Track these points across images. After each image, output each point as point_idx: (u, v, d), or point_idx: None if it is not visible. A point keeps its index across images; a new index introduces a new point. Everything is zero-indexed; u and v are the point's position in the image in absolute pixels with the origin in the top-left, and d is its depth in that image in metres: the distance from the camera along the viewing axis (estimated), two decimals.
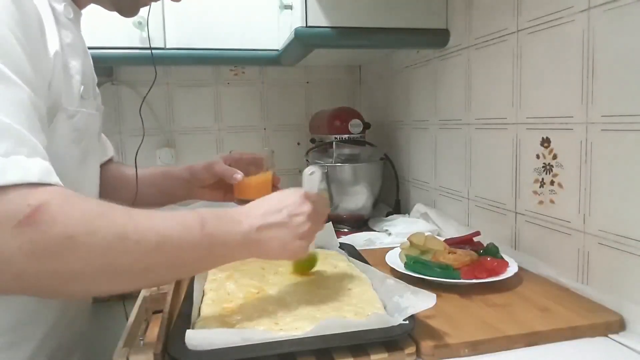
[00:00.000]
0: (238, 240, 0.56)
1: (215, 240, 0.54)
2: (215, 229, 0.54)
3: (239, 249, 0.57)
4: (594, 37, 0.69)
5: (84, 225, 0.45)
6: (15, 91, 0.47)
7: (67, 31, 0.62)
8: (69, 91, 0.61)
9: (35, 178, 0.44)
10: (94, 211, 0.47)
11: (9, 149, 0.44)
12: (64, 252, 0.43)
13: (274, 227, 0.58)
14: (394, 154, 1.40)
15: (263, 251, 0.59)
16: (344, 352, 0.54)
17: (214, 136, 1.65)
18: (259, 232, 0.57)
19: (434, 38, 1.10)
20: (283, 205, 0.60)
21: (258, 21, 1.34)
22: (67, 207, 0.45)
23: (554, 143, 0.78)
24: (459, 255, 0.80)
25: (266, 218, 0.58)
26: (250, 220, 0.57)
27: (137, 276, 0.50)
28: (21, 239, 0.42)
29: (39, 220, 0.42)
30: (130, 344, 0.56)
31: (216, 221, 0.55)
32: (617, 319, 0.63)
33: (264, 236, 0.58)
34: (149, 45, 1.26)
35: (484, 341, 0.58)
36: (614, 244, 0.67)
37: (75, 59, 0.63)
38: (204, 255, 0.54)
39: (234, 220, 0.57)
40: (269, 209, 0.60)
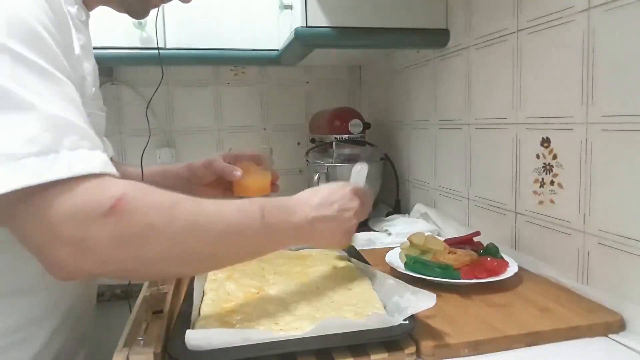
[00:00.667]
0: (292, 230, 0.61)
1: (273, 229, 0.58)
2: (273, 219, 0.58)
3: (292, 237, 0.62)
4: (594, 37, 0.69)
5: (162, 214, 0.48)
6: (63, 87, 0.48)
7: (80, 34, 0.62)
8: (83, 93, 0.61)
9: (98, 169, 0.46)
10: (169, 201, 0.50)
11: (75, 143, 0.46)
12: (146, 239, 0.47)
13: (325, 220, 0.63)
14: (394, 154, 1.40)
15: (312, 240, 0.66)
16: (344, 352, 0.54)
17: (214, 136, 1.65)
18: (312, 223, 0.62)
19: (434, 38, 1.10)
20: (335, 198, 0.65)
21: (258, 21, 1.34)
22: (145, 198, 0.48)
23: (554, 143, 0.78)
24: (459, 255, 0.80)
25: (319, 210, 0.63)
26: (304, 211, 0.62)
27: (204, 261, 0.54)
28: (108, 228, 0.44)
29: (123, 210, 0.45)
30: (130, 344, 0.55)
31: (275, 211, 0.59)
32: (617, 319, 0.63)
33: (315, 227, 0.63)
34: (149, 45, 1.27)
35: (484, 341, 0.58)
36: (614, 244, 0.67)
37: (88, 60, 0.64)
38: (262, 242, 0.58)
39: (289, 210, 0.61)
40: (322, 201, 0.64)
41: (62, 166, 0.44)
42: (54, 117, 0.45)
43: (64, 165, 0.44)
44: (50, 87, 0.47)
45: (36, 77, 0.46)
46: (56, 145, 0.44)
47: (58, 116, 0.45)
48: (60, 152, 0.44)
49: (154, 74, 1.57)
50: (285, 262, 0.80)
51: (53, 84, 0.47)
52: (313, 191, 0.66)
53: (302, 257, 0.82)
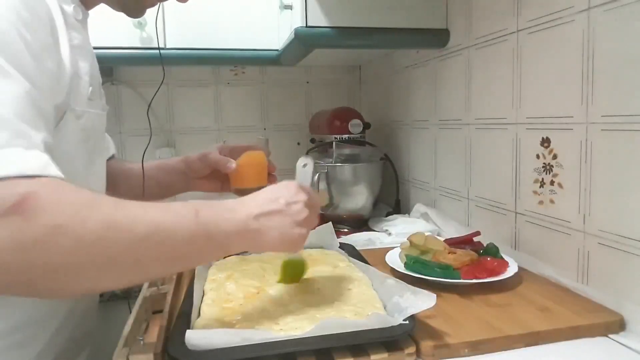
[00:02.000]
0: (235, 229, 0.54)
1: (211, 229, 0.52)
2: (210, 217, 0.52)
3: (237, 238, 0.55)
4: (594, 37, 0.69)
5: (73, 214, 0.43)
6: (13, 84, 0.46)
7: (75, 32, 0.62)
8: (77, 92, 0.61)
9: (32, 171, 0.43)
10: (84, 200, 0.45)
11: (5, 141, 0.43)
12: (52, 241, 0.41)
13: (271, 214, 0.57)
14: (394, 154, 1.40)
15: (262, 241, 0.57)
16: (344, 352, 0.54)
17: (214, 136, 1.65)
18: (257, 219, 0.56)
19: (434, 38, 1.10)
20: (279, 194, 0.59)
21: (258, 21, 1.34)
22: (56, 196, 0.43)
23: (554, 143, 0.78)
24: (459, 255, 0.80)
25: (263, 206, 0.57)
26: (246, 209, 0.56)
27: (129, 269, 0.47)
28: (8, 229, 0.40)
29: (26, 208, 0.41)
30: (130, 344, 0.55)
31: (211, 210, 0.53)
32: (617, 319, 0.63)
33: (263, 225, 0.56)
34: (149, 45, 1.27)
35: (484, 341, 0.58)
36: (614, 244, 0.67)
37: (84, 60, 0.64)
38: (199, 245, 0.52)
39: (229, 209, 0.55)
40: (264, 197, 0.58)
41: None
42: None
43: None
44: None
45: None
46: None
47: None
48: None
49: (154, 74, 1.57)
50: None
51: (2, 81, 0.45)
52: (255, 193, 0.61)
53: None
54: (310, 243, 0.87)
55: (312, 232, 0.89)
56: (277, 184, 0.63)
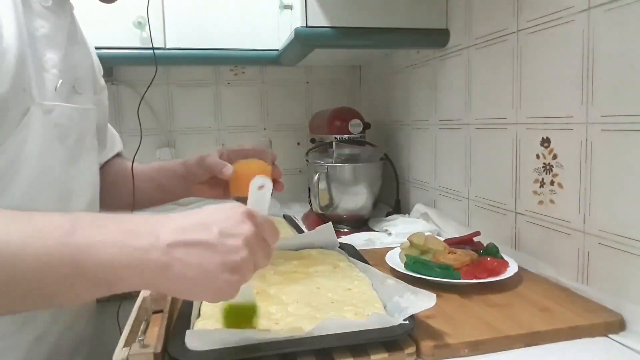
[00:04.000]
0: (127, 260, 0.40)
1: (82, 257, 0.38)
2: (88, 239, 0.39)
3: (129, 273, 0.40)
4: (594, 37, 0.69)
5: None
6: None
7: (42, 20, 0.58)
8: (41, 85, 0.57)
9: None
10: None
11: None
12: None
13: (194, 246, 0.41)
14: (394, 154, 1.40)
15: (170, 282, 0.41)
16: (344, 352, 0.54)
17: (214, 136, 1.65)
18: (169, 251, 0.40)
19: (434, 38, 1.10)
20: (214, 219, 0.44)
21: (258, 21, 1.34)
22: None
23: (554, 143, 0.78)
24: (459, 255, 0.80)
25: (184, 233, 0.42)
26: (156, 234, 0.41)
27: None
28: None
29: None
30: (130, 344, 0.55)
31: (95, 229, 0.40)
32: (617, 319, 0.63)
33: (177, 258, 0.41)
34: (149, 45, 1.27)
35: (484, 341, 0.58)
36: (614, 244, 0.67)
37: (53, 51, 0.59)
38: (65, 279, 0.39)
39: (127, 229, 0.41)
40: (192, 222, 0.43)
41: None
42: None
43: None
44: None
45: None
46: None
47: None
48: None
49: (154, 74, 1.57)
50: (285, 262, 0.80)
51: None
52: (186, 212, 0.45)
53: (302, 257, 0.82)
54: (310, 243, 0.87)
55: (312, 232, 0.90)
56: (219, 205, 0.46)
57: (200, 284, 0.42)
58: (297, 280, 0.72)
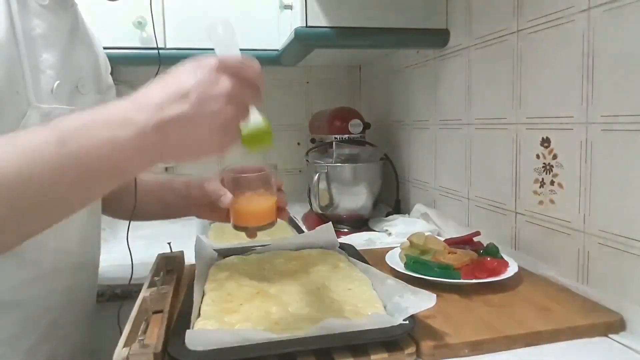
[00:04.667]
0: (127, 148, 0.42)
1: (86, 159, 0.41)
2: (82, 143, 0.41)
3: (132, 158, 0.43)
4: (594, 37, 0.69)
5: None
6: None
7: (39, 20, 0.56)
8: (37, 87, 0.55)
9: None
10: None
11: None
12: None
13: (179, 122, 0.43)
14: (394, 154, 1.40)
15: (168, 154, 0.45)
16: (344, 352, 0.54)
17: None
18: (159, 131, 0.42)
19: (434, 38, 1.10)
20: (188, 86, 0.44)
21: (258, 21, 1.34)
22: None
23: (554, 143, 0.78)
24: (459, 255, 0.80)
25: (166, 110, 0.43)
26: (143, 116, 0.42)
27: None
28: None
29: None
30: (130, 344, 0.55)
31: (84, 131, 0.41)
32: (617, 319, 0.63)
33: (167, 137, 0.43)
34: (149, 45, 1.27)
35: (484, 341, 0.58)
36: (614, 244, 0.67)
37: (49, 51, 0.58)
38: (75, 183, 0.42)
39: (114, 121, 0.42)
40: (167, 93, 0.44)
41: None
42: None
43: None
44: None
45: None
46: None
47: None
48: None
49: (154, 74, 1.57)
50: (285, 262, 0.80)
51: None
52: (156, 81, 0.46)
53: (302, 257, 0.82)
54: (310, 243, 0.87)
55: (312, 232, 0.90)
56: (188, 65, 0.47)
57: (197, 150, 0.45)
58: (297, 280, 0.72)
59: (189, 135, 0.43)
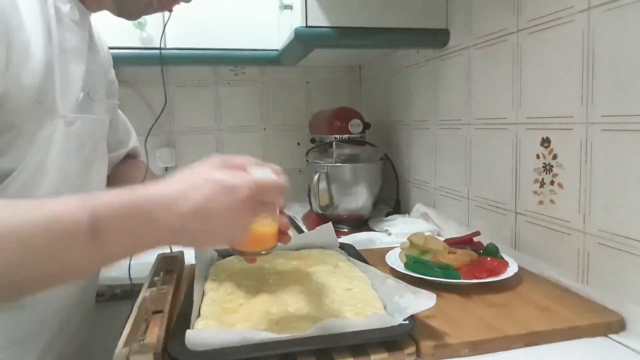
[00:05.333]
0: (149, 245, 0.44)
1: (110, 253, 0.42)
2: (113, 236, 0.41)
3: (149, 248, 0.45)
4: (594, 37, 0.69)
5: None
6: None
7: (70, 34, 0.59)
8: (65, 98, 0.57)
9: None
10: None
11: None
12: None
13: (199, 233, 0.46)
14: (394, 154, 1.40)
15: (182, 245, 0.48)
16: (344, 352, 0.54)
17: (214, 136, 1.65)
18: (179, 234, 0.45)
19: (434, 38, 1.10)
20: (214, 206, 0.45)
21: (258, 21, 1.34)
22: None
23: (554, 143, 0.78)
24: (459, 255, 0.80)
25: (191, 222, 0.45)
26: (169, 223, 0.44)
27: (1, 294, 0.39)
28: None
29: None
30: (130, 344, 0.55)
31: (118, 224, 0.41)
32: (617, 319, 0.63)
33: (185, 236, 0.46)
34: (149, 45, 1.27)
35: (484, 341, 0.58)
36: (614, 244, 0.67)
37: (77, 63, 0.60)
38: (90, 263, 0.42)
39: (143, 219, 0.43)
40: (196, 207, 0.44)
41: None
42: None
43: None
44: None
45: None
46: None
47: None
48: None
49: (154, 74, 1.57)
50: (285, 261, 0.80)
51: None
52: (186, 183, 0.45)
53: (302, 257, 0.82)
54: (311, 243, 0.87)
55: (312, 232, 0.90)
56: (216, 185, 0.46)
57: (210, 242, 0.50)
58: (297, 280, 0.72)
59: (205, 233, 0.46)
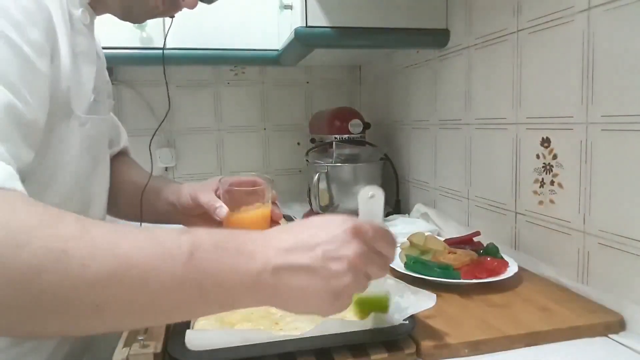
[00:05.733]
0: (243, 283, 0.40)
1: (206, 279, 0.39)
2: (209, 262, 0.39)
3: (244, 293, 0.41)
4: (594, 37, 0.69)
5: (9, 236, 0.34)
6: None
7: (82, 37, 0.60)
8: (79, 99, 0.59)
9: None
10: (35, 220, 0.36)
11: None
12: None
13: (297, 271, 0.42)
14: (394, 154, 1.40)
15: (278, 301, 0.43)
16: (344, 352, 0.54)
17: (214, 136, 1.65)
18: (275, 274, 0.41)
19: (434, 38, 1.10)
20: (319, 240, 0.43)
21: (258, 21, 1.34)
22: (2, 214, 0.35)
23: (554, 143, 0.78)
24: (459, 255, 0.80)
25: (290, 256, 0.42)
26: (266, 255, 0.41)
27: (83, 314, 0.36)
28: None
29: None
30: (130, 344, 0.55)
31: (213, 251, 0.40)
32: (617, 319, 0.63)
33: (281, 282, 0.41)
34: (149, 45, 1.27)
35: (484, 341, 0.58)
36: (614, 244, 0.67)
37: (89, 66, 0.62)
38: (187, 298, 0.39)
39: (241, 251, 0.41)
40: (296, 241, 0.43)
41: None
42: None
43: None
44: None
45: None
46: None
47: None
48: None
49: (154, 74, 1.57)
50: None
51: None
52: (292, 226, 0.46)
53: None
54: None
55: None
56: (327, 217, 0.46)
57: (306, 305, 0.43)
58: None
59: (301, 288, 0.42)
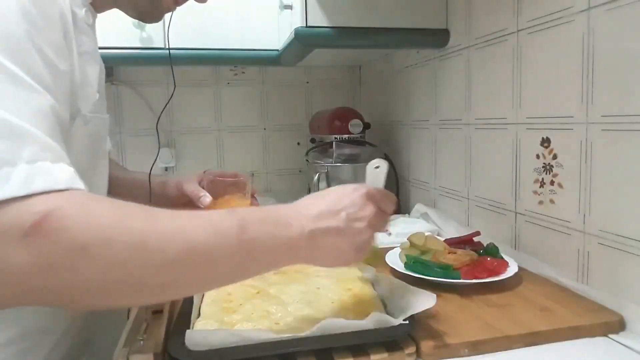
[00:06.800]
0: (285, 247, 0.49)
1: (256, 247, 0.47)
2: (257, 234, 0.47)
3: (286, 255, 0.50)
4: (594, 37, 0.69)
5: (98, 233, 0.39)
6: (37, 99, 0.44)
7: (85, 37, 0.60)
8: (85, 98, 0.60)
9: (62, 185, 0.41)
10: (112, 216, 0.41)
11: (35, 155, 0.40)
12: (76, 264, 0.38)
13: (328, 233, 0.51)
14: (394, 154, 1.40)
15: (313, 258, 0.52)
16: (344, 352, 0.54)
17: (214, 136, 1.65)
18: (311, 238, 0.50)
19: (434, 38, 1.10)
20: (342, 205, 0.53)
21: (258, 21, 1.34)
22: (81, 213, 0.40)
23: (554, 143, 0.78)
24: (459, 255, 0.80)
25: (320, 221, 0.51)
26: (301, 223, 0.50)
27: (160, 289, 0.44)
28: (27, 251, 0.37)
29: (47, 228, 0.37)
30: (130, 344, 0.55)
31: (258, 225, 0.48)
32: (617, 319, 0.63)
33: (316, 243, 0.51)
34: (149, 45, 1.27)
35: (484, 341, 0.58)
36: (614, 244, 0.67)
37: (92, 65, 0.62)
38: (241, 264, 0.47)
39: (280, 222, 0.50)
40: (324, 209, 0.52)
41: (18, 181, 0.38)
42: (13, 126, 0.40)
43: (20, 180, 0.38)
44: (16, 95, 0.42)
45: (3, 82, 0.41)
46: (13, 156, 0.39)
47: (18, 125, 0.40)
48: (18, 165, 0.39)
49: (154, 74, 1.57)
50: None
51: (21, 91, 0.42)
52: (315, 197, 0.55)
53: None
54: None
55: None
56: (344, 187, 0.56)
57: (336, 259, 0.54)
58: (297, 280, 0.72)
59: (334, 246, 0.52)
